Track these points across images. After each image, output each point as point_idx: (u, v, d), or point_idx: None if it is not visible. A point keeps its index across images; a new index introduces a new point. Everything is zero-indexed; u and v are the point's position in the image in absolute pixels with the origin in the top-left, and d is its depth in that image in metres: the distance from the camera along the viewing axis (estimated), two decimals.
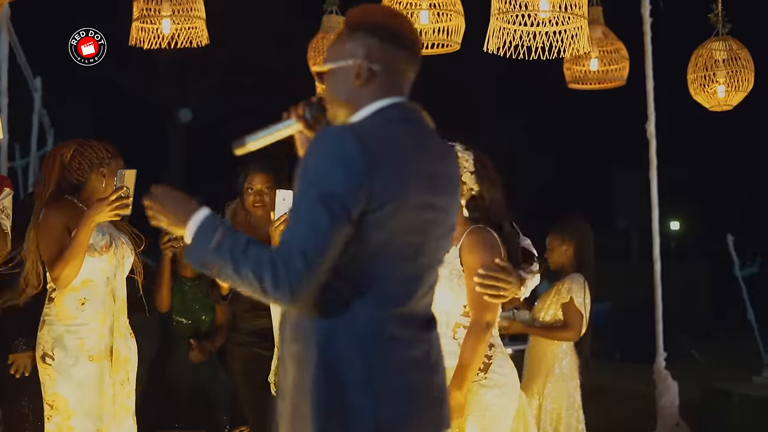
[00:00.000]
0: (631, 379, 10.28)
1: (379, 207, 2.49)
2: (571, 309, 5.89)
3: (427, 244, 2.62)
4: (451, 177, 2.74)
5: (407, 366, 2.58)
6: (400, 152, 2.56)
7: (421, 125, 2.71)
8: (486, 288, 3.70)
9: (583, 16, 4.52)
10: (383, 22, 2.69)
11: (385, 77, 2.66)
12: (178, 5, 5.28)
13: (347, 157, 2.46)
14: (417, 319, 2.63)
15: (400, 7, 5.38)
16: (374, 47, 2.65)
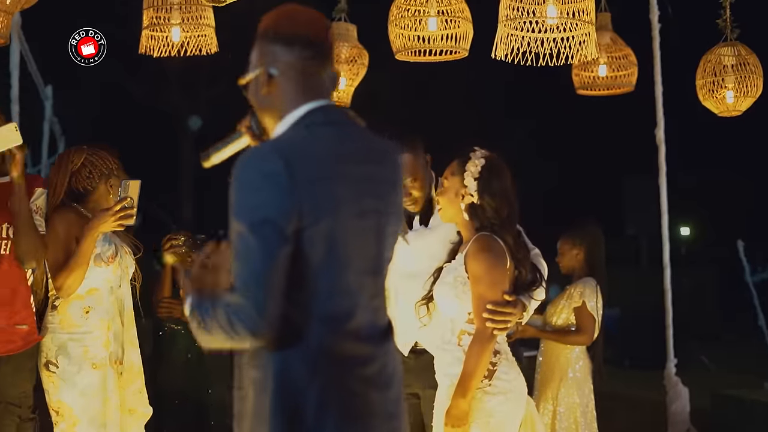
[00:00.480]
0: (642, 385, 10.26)
1: (313, 222, 2.43)
2: (583, 313, 5.89)
3: (368, 251, 2.55)
4: (388, 178, 2.63)
5: (361, 385, 2.52)
6: (328, 160, 2.49)
7: (350, 127, 2.63)
8: (495, 323, 3.71)
9: (590, 22, 4.52)
10: (278, 26, 2.60)
11: (295, 81, 2.57)
12: (188, 13, 5.30)
13: (271, 178, 2.39)
14: (367, 332, 2.55)
15: (408, 14, 5.40)
16: (270, 52, 2.59)
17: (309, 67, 2.58)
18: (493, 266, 3.75)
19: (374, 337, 2.57)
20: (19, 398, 4.55)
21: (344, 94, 7.04)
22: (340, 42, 6.88)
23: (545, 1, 4.46)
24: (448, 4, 5.34)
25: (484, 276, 3.73)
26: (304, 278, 2.46)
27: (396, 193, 2.66)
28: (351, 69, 6.93)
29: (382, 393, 2.57)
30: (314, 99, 2.57)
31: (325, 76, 2.61)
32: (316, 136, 2.52)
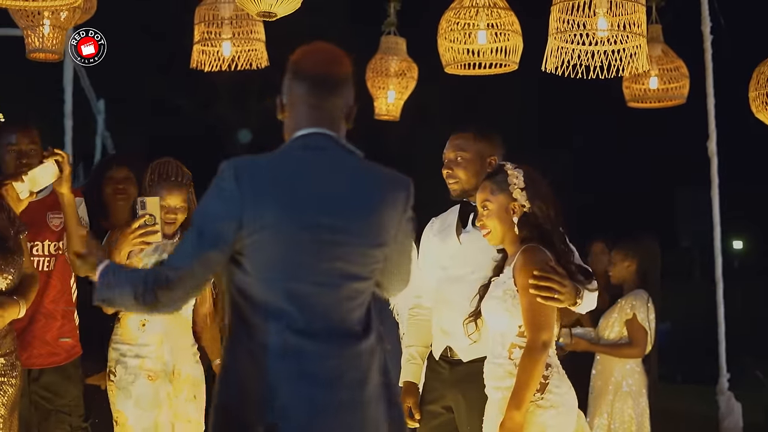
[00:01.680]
0: (694, 400, 10.14)
1: (257, 231, 2.71)
2: (634, 325, 5.85)
3: (323, 264, 2.76)
4: (356, 199, 2.81)
5: (304, 382, 2.72)
6: (281, 179, 2.76)
7: (329, 152, 2.82)
8: (540, 290, 3.68)
9: (642, 34, 4.49)
10: (294, 59, 2.90)
11: (298, 109, 2.87)
12: (239, 28, 5.34)
13: (223, 189, 2.74)
14: (319, 335, 2.75)
15: (458, 28, 5.40)
16: (287, 84, 2.90)
17: (313, 99, 2.86)
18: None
19: (330, 339, 2.77)
20: (68, 406, 4.64)
21: (393, 107, 7.06)
22: (389, 56, 6.90)
23: (596, 14, 4.44)
24: (497, 17, 5.33)
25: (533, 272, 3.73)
26: (255, 281, 2.75)
27: (366, 217, 2.82)
28: (400, 82, 6.94)
29: (332, 393, 2.75)
30: (311, 126, 2.84)
31: (330, 108, 2.87)
32: (286, 157, 2.82)
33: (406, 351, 4.45)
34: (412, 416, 4.32)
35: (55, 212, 4.65)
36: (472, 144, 4.26)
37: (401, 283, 3.06)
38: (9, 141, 4.63)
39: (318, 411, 2.73)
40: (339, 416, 2.75)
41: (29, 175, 4.27)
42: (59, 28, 4.92)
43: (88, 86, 9.77)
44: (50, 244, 4.65)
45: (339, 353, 2.78)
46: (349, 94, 2.90)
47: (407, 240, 2.95)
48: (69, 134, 8.17)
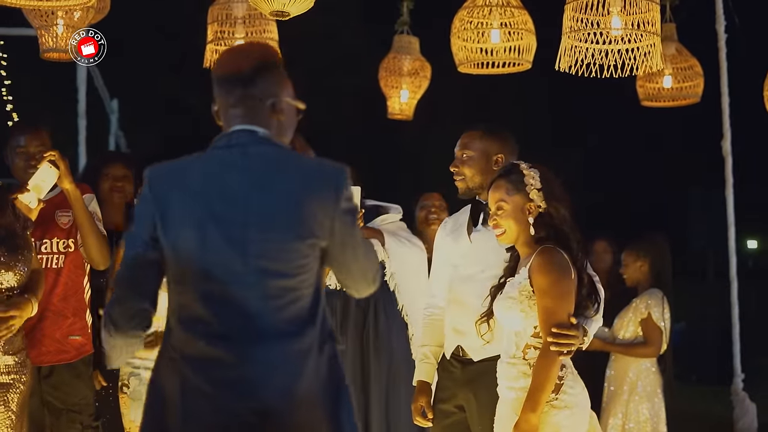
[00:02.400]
0: (709, 401, 10.11)
1: (169, 234, 2.70)
2: (649, 325, 5.84)
3: (237, 263, 2.67)
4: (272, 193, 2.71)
5: (212, 387, 2.65)
6: (198, 179, 2.72)
7: (248, 148, 2.75)
8: (559, 346, 3.68)
9: (656, 33, 4.48)
10: (214, 68, 2.87)
11: (222, 113, 2.84)
12: (252, 27, 5.34)
13: (142, 196, 2.78)
14: (238, 338, 2.67)
15: (471, 27, 5.39)
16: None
17: (229, 98, 2.82)
18: (560, 279, 3.71)
19: (237, 343, 2.67)
20: (79, 405, 4.65)
21: (406, 106, 7.05)
22: (403, 55, 6.89)
23: (610, 13, 4.42)
24: (511, 16, 5.32)
25: (550, 289, 3.70)
26: (172, 285, 2.75)
27: (285, 211, 2.71)
28: (413, 82, 6.94)
29: (240, 400, 2.65)
30: (235, 125, 2.80)
31: (248, 102, 2.80)
32: (202, 158, 2.79)
33: (420, 350, 4.45)
34: (425, 415, 4.32)
35: (63, 210, 4.69)
36: (479, 142, 4.26)
37: (362, 282, 2.91)
38: (18, 143, 4.66)
39: (236, 424, 2.64)
40: (261, 427, 2.65)
41: (31, 184, 4.32)
42: (73, 28, 4.93)
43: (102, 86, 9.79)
44: (59, 242, 4.68)
45: (261, 357, 2.67)
46: (267, 86, 2.81)
47: (349, 234, 2.78)
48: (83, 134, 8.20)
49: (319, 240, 2.73)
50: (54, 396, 4.62)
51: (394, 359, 4.91)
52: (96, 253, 4.64)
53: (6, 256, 3.88)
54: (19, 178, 4.66)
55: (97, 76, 9.31)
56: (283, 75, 2.89)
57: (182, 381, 2.67)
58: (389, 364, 4.90)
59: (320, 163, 2.84)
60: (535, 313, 3.73)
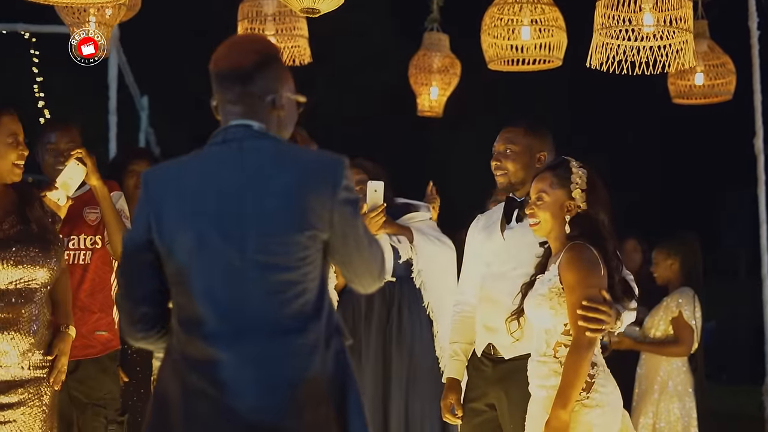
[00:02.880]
0: (740, 400, 10.04)
1: (165, 235, 2.67)
2: (680, 323, 5.81)
3: (235, 258, 2.63)
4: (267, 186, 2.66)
5: (214, 390, 2.61)
6: (192, 177, 2.71)
7: (244, 143, 2.71)
8: (588, 321, 3.64)
9: (688, 30, 4.45)
10: (212, 62, 2.82)
11: (221, 108, 2.80)
12: (282, 24, 5.36)
13: (140, 198, 2.77)
14: (239, 336, 2.63)
15: (501, 24, 5.37)
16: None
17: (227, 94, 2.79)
18: (588, 274, 3.69)
19: (237, 342, 2.63)
20: (104, 399, 4.67)
21: (436, 103, 7.04)
22: (432, 52, 6.88)
23: (641, 9, 4.40)
24: (541, 13, 5.30)
25: (579, 284, 3.68)
26: (173, 288, 2.71)
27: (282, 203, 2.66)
28: (443, 79, 6.92)
29: (243, 400, 2.61)
30: (232, 121, 2.76)
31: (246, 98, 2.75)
32: (198, 156, 2.76)
33: (450, 347, 4.45)
34: (454, 413, 4.31)
35: (91, 207, 4.72)
36: (522, 138, 4.25)
37: (367, 277, 2.83)
38: (48, 140, 4.69)
39: (238, 425, 2.60)
40: (263, 427, 2.60)
41: (59, 182, 4.35)
42: (104, 25, 4.96)
43: (132, 83, 9.83)
44: (86, 238, 4.72)
45: (263, 355, 2.62)
46: (267, 83, 2.76)
47: (350, 226, 2.72)
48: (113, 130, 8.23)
49: (319, 232, 2.67)
50: (79, 390, 4.65)
51: (414, 354, 4.90)
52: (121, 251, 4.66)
53: (39, 253, 3.90)
54: (49, 175, 4.69)
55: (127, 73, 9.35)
56: (283, 69, 2.83)
57: (183, 383, 2.65)
58: (410, 359, 4.90)
59: (317, 155, 2.82)
60: (564, 310, 3.71)
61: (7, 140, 3.94)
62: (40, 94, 8.71)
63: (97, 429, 4.62)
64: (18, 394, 3.83)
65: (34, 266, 3.87)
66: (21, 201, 3.99)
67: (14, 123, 3.99)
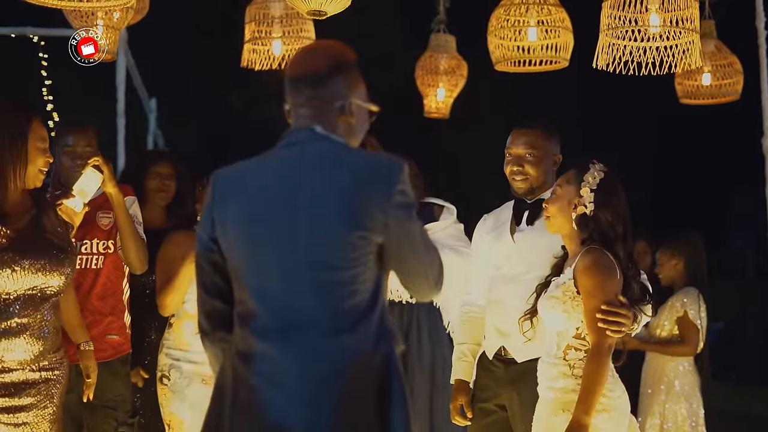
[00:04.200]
0: (748, 400, 10.01)
1: (225, 233, 2.76)
2: (686, 323, 5.81)
3: (288, 256, 2.70)
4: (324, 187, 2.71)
5: (259, 381, 2.68)
6: (248, 178, 2.79)
7: (305, 146, 2.76)
8: (608, 324, 3.65)
9: (695, 30, 4.45)
10: (286, 69, 2.90)
11: (292, 112, 2.86)
12: (289, 27, 5.37)
13: (208, 196, 2.85)
14: (286, 332, 2.69)
15: (508, 25, 5.37)
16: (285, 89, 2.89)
17: (298, 98, 2.85)
18: (605, 280, 3.68)
19: (284, 337, 2.69)
20: (114, 401, 4.68)
21: (443, 105, 7.05)
22: (439, 53, 6.89)
23: (648, 10, 4.40)
24: (548, 14, 5.31)
25: (597, 290, 3.67)
26: (234, 285, 2.79)
27: (337, 204, 2.70)
28: (450, 80, 6.93)
29: (285, 392, 2.67)
30: (300, 126, 2.83)
31: (316, 103, 2.81)
32: (265, 157, 2.83)
33: (458, 348, 4.43)
34: (463, 414, 4.31)
35: (104, 211, 4.73)
36: (543, 141, 4.22)
37: (424, 284, 2.85)
38: (66, 142, 4.71)
39: (279, 416, 2.65)
40: (301, 419, 2.65)
41: (76, 189, 4.36)
42: (112, 29, 4.98)
43: (140, 85, 9.85)
44: (99, 243, 4.73)
45: (304, 350, 2.67)
46: (337, 88, 2.81)
47: (405, 230, 2.74)
48: (122, 133, 8.25)
49: (372, 234, 2.69)
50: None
51: (436, 374, 4.81)
52: (134, 257, 4.70)
53: (54, 260, 3.91)
54: (64, 177, 4.71)
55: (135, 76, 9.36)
56: (356, 76, 2.86)
57: (234, 375, 2.73)
58: (432, 379, 4.81)
59: (375, 157, 2.86)
60: (577, 313, 3.71)
61: (39, 145, 3.94)
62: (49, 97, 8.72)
63: (108, 431, 4.65)
64: (30, 396, 3.86)
65: (49, 273, 3.88)
66: (37, 208, 4.00)
67: (43, 129, 4.00)
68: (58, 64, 8.75)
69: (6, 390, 3.82)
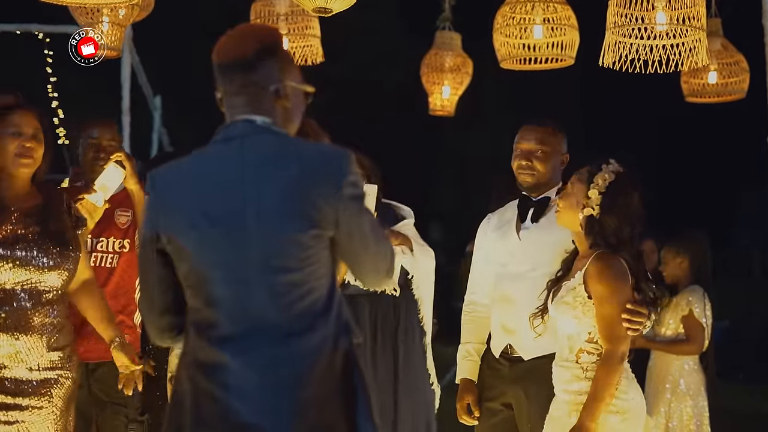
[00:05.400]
0: (755, 399, 10.00)
1: (171, 237, 2.62)
2: (691, 321, 5.80)
3: (239, 260, 2.58)
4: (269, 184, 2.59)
5: (221, 391, 2.58)
6: (194, 178, 2.65)
7: (246, 139, 2.64)
8: (632, 323, 3.64)
9: (701, 28, 4.43)
10: (215, 53, 2.76)
11: (225, 101, 2.74)
12: (294, 24, 5.36)
13: (148, 198, 2.72)
14: (246, 339, 2.58)
15: (513, 23, 5.35)
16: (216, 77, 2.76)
17: (229, 86, 2.72)
18: (618, 287, 3.67)
19: (243, 346, 2.59)
20: (124, 398, 4.66)
21: (448, 102, 7.03)
22: (444, 51, 6.88)
23: (654, 8, 4.38)
24: (554, 12, 5.29)
25: (610, 297, 3.66)
26: (185, 288, 2.66)
27: (284, 201, 2.59)
28: (455, 78, 6.92)
29: (249, 403, 2.57)
30: (237, 114, 2.70)
31: (249, 89, 2.69)
32: (200, 155, 2.70)
33: (462, 347, 4.42)
34: (470, 413, 4.30)
35: (123, 209, 4.72)
36: (552, 138, 4.23)
37: (373, 275, 2.75)
38: (90, 135, 4.71)
39: (243, 427, 2.56)
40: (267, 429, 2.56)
41: (98, 184, 4.34)
42: (118, 26, 4.97)
43: (145, 83, 9.86)
44: (115, 242, 4.72)
45: (264, 358, 2.57)
46: (270, 72, 2.68)
47: (356, 223, 2.63)
48: (126, 130, 8.25)
49: (324, 230, 2.60)
50: (99, 389, 4.66)
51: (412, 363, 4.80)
52: None
53: (51, 256, 3.89)
54: (86, 170, 4.70)
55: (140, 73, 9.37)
56: (287, 58, 2.76)
57: (194, 385, 2.62)
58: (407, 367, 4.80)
59: (321, 149, 2.76)
60: (588, 318, 3.70)
61: (8, 130, 3.90)
62: (54, 94, 8.73)
63: (117, 428, 4.64)
64: (27, 396, 3.84)
65: (44, 269, 3.87)
66: (45, 204, 3.98)
67: (20, 116, 3.96)
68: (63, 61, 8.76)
69: (1, 387, 3.80)
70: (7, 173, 3.91)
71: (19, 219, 3.89)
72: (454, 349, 4.48)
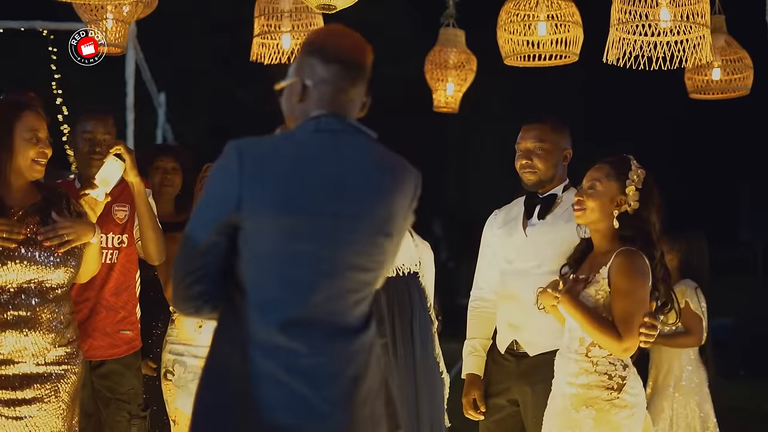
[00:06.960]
0: (757, 396, 10.00)
1: (256, 213, 2.61)
2: (688, 313, 5.82)
3: (324, 252, 2.64)
4: (366, 185, 2.69)
5: (286, 376, 2.61)
6: (286, 161, 2.65)
7: (341, 135, 2.72)
8: (648, 337, 3.68)
9: (705, 24, 4.43)
10: (318, 41, 2.79)
11: (319, 92, 2.75)
12: (298, 21, 5.36)
13: (223, 169, 2.66)
14: (313, 327, 2.64)
15: (517, 19, 5.35)
16: (309, 65, 2.76)
17: (341, 83, 2.76)
18: (640, 285, 3.70)
19: (322, 333, 2.65)
20: (127, 394, 4.69)
21: (452, 99, 7.03)
22: (448, 48, 6.87)
23: (658, 5, 4.38)
24: (558, 8, 5.29)
25: (632, 292, 3.68)
26: (248, 266, 2.65)
27: (376, 205, 2.71)
28: (459, 74, 6.91)
29: (314, 387, 2.62)
30: (322, 108, 2.74)
31: (354, 95, 2.78)
32: (294, 139, 2.72)
33: (468, 343, 4.43)
34: (476, 408, 4.31)
35: (119, 204, 4.70)
36: (552, 134, 4.25)
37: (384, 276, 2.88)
38: (84, 128, 4.69)
39: (308, 411, 2.62)
40: (332, 416, 2.64)
41: (98, 178, 4.33)
42: (122, 22, 4.97)
43: (149, 79, 9.87)
44: (114, 237, 4.70)
45: (334, 349, 2.66)
46: (367, 85, 2.83)
47: (405, 233, 2.85)
48: (131, 127, 8.27)
49: (394, 237, 2.76)
50: (102, 385, 4.67)
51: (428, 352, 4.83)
52: (153, 247, 4.65)
53: (55, 254, 3.90)
54: (81, 164, 4.70)
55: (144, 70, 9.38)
56: None
57: (253, 365, 2.62)
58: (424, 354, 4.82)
59: (404, 162, 2.84)
60: (605, 314, 3.71)
61: (25, 135, 3.92)
62: (58, 91, 8.74)
63: (121, 423, 4.65)
64: (34, 390, 3.85)
65: (49, 267, 3.88)
66: (45, 202, 3.99)
67: (34, 120, 3.98)
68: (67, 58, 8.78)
69: (7, 383, 3.82)
70: (7, 176, 3.92)
71: (20, 218, 3.90)
72: (459, 345, 4.49)
